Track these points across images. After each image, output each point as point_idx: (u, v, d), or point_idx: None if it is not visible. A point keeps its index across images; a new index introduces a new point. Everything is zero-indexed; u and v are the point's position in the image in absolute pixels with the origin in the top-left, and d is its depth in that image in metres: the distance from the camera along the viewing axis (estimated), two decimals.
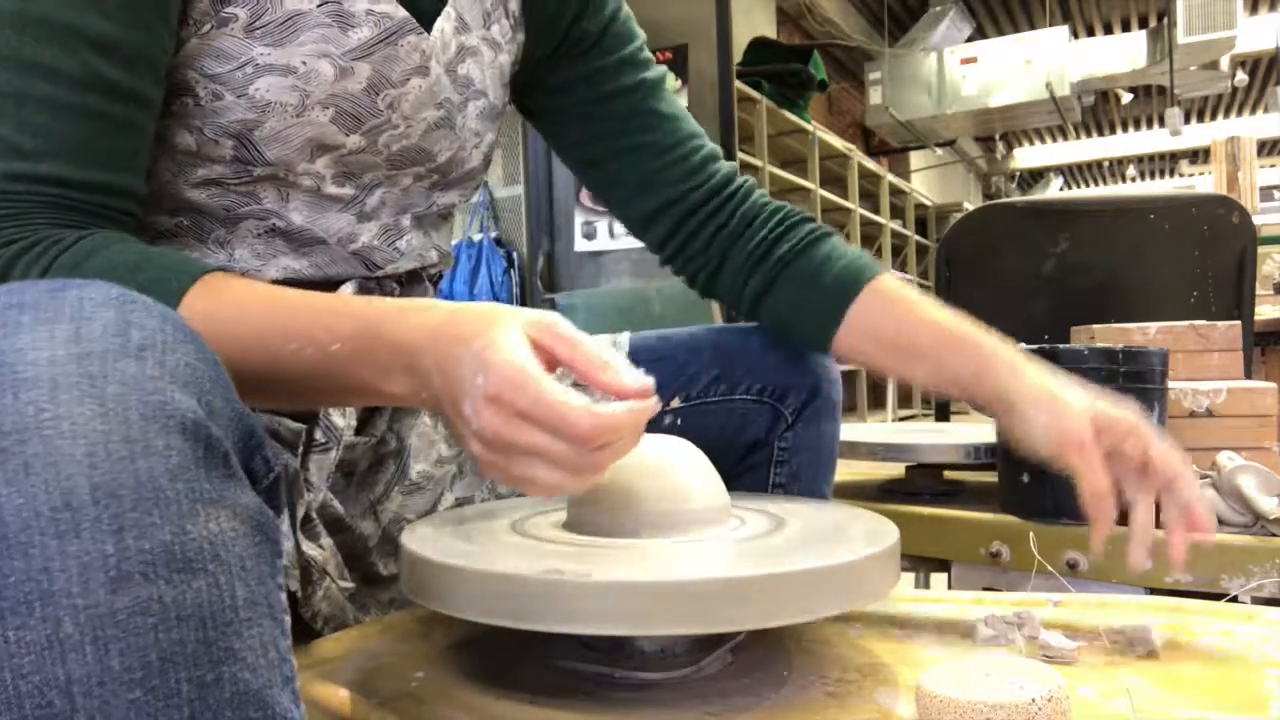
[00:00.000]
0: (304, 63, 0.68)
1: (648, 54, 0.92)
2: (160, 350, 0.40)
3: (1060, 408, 0.71)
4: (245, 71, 0.66)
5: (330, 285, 0.76)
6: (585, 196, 4.33)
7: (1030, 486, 1.06)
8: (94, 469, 0.36)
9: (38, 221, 0.58)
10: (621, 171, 0.90)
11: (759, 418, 0.93)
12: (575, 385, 0.55)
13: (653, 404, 0.52)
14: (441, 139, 0.79)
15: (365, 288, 0.78)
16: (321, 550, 0.74)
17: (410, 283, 0.82)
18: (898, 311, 0.83)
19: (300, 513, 0.73)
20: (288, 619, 0.43)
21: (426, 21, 0.75)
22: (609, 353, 0.53)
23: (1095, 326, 1.28)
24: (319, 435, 0.73)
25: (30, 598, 0.35)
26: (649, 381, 0.52)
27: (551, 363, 0.53)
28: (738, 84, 4.46)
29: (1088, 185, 14.11)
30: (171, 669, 0.36)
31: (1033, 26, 8.27)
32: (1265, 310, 2.49)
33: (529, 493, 0.53)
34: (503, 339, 0.51)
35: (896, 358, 0.83)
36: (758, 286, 0.88)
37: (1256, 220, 2.48)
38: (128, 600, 0.36)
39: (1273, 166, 11.69)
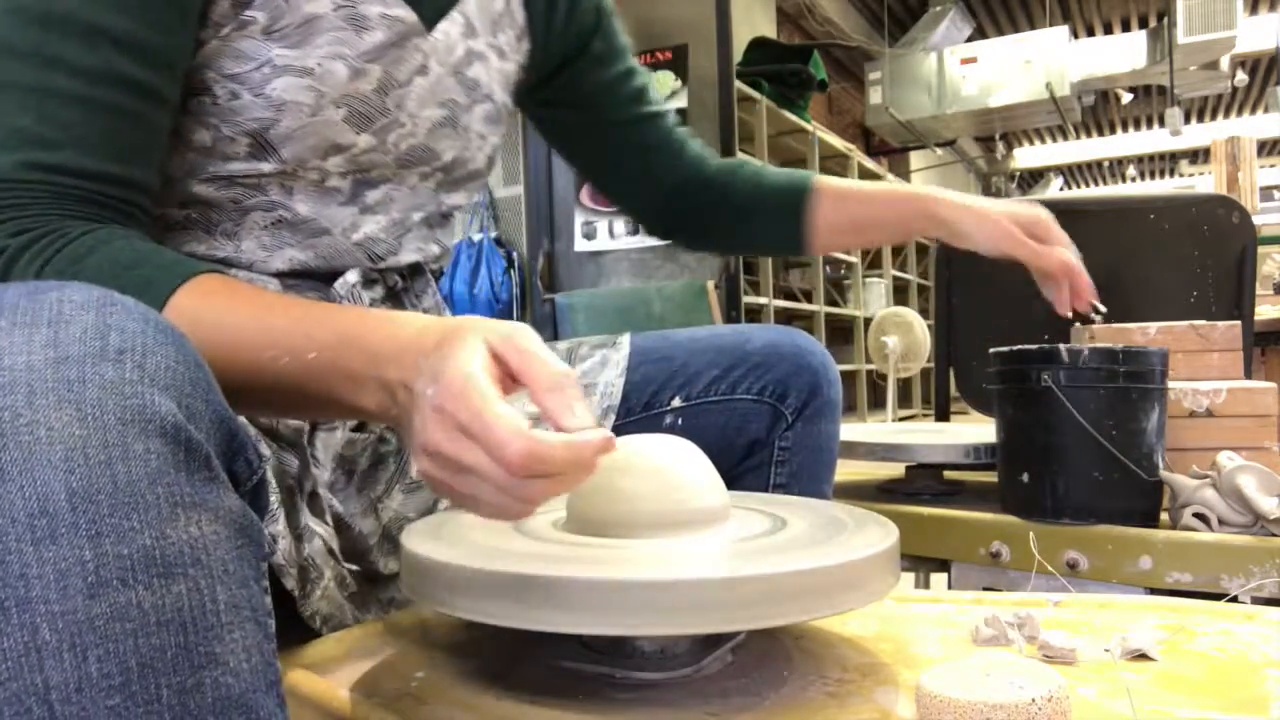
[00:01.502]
0: (319, 64, 0.70)
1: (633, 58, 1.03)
2: (140, 353, 0.40)
3: (981, 214, 0.93)
4: (263, 72, 0.68)
5: (334, 275, 0.78)
6: (585, 196, 4.33)
7: (1030, 486, 1.06)
8: (71, 474, 0.36)
9: (51, 212, 0.58)
10: (629, 170, 1.04)
11: (759, 417, 0.93)
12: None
13: (601, 444, 0.47)
14: (446, 138, 0.81)
15: (369, 278, 0.79)
16: (326, 525, 0.73)
17: (413, 275, 0.84)
18: (849, 202, 1.00)
19: (307, 488, 0.73)
20: (272, 622, 0.42)
21: (429, 24, 0.77)
22: (568, 379, 0.49)
23: (1095, 326, 1.27)
24: None
25: (7, 604, 0.35)
26: (598, 432, 0.47)
27: (509, 377, 0.50)
28: (738, 84, 4.46)
29: (1088, 185, 14.10)
30: (151, 675, 0.36)
31: (1033, 26, 8.27)
32: (1265, 310, 2.49)
33: (475, 513, 0.50)
34: (459, 349, 0.49)
35: (865, 234, 1.07)
36: (736, 228, 1.05)
37: (1256, 220, 2.49)
38: (106, 606, 0.35)
39: (1273, 166, 11.70)
